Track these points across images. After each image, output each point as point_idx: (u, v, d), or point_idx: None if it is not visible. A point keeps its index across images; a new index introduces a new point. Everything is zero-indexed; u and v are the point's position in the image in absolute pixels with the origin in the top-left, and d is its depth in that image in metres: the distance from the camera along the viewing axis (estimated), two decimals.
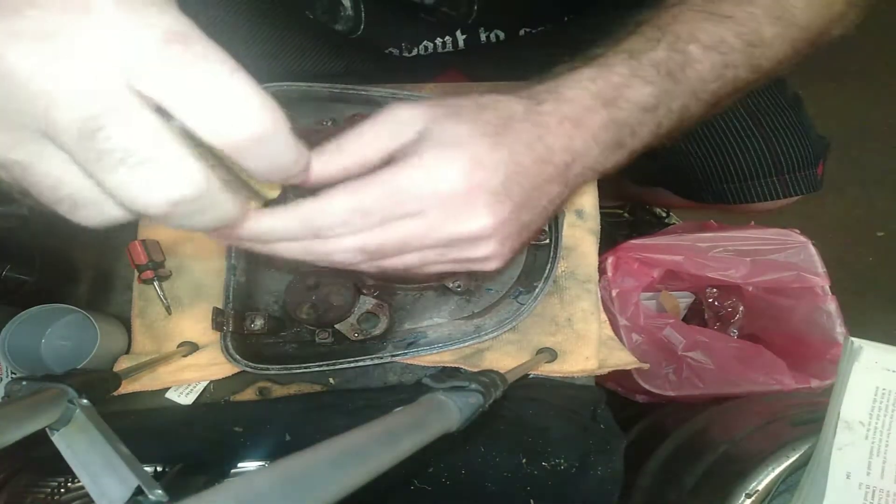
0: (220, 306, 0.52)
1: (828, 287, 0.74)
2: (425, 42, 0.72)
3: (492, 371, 0.36)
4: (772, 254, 0.76)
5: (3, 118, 0.20)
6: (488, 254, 0.34)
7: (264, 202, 0.29)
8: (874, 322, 1.20)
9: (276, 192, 0.30)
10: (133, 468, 0.28)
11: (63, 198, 0.23)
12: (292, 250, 0.31)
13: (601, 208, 0.58)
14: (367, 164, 0.31)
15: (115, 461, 0.28)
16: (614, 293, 0.73)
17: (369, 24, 0.68)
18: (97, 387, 0.36)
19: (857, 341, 0.46)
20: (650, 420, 0.80)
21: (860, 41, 1.47)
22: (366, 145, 0.31)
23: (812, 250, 0.75)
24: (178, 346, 0.54)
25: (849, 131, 1.38)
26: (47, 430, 0.31)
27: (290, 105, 0.59)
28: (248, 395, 0.54)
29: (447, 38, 0.72)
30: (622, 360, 0.54)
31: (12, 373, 0.52)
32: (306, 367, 0.51)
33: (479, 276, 0.55)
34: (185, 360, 0.54)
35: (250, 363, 0.50)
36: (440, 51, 0.73)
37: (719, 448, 0.56)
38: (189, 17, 0.22)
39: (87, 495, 0.45)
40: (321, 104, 0.60)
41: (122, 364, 0.52)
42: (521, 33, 0.74)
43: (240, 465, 0.50)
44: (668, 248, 0.75)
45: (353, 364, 0.51)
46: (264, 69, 0.73)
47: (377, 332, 0.52)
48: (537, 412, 0.50)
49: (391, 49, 0.72)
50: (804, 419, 0.53)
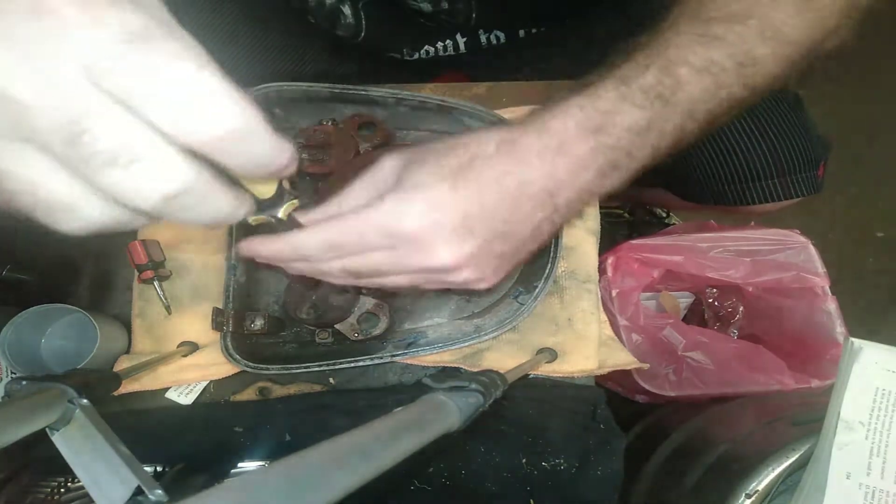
0: (220, 306, 0.52)
1: (828, 287, 0.74)
2: (426, 47, 0.72)
3: (492, 371, 0.36)
4: (772, 254, 0.76)
5: None
6: (468, 279, 0.37)
7: (259, 198, 0.30)
8: (874, 322, 1.21)
9: (270, 189, 0.30)
10: (133, 468, 0.28)
11: (39, 202, 0.22)
12: (296, 268, 0.38)
13: (601, 208, 0.58)
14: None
15: (115, 461, 0.28)
16: (614, 293, 0.73)
17: (370, 30, 0.68)
18: (97, 387, 0.36)
19: (857, 341, 0.46)
20: (650, 420, 0.80)
21: (860, 41, 1.47)
22: (359, 199, 0.37)
23: (812, 250, 0.75)
24: (178, 346, 0.54)
25: (849, 131, 1.38)
26: (47, 430, 0.31)
27: (290, 105, 0.59)
28: (248, 395, 0.54)
29: (448, 41, 0.72)
30: (622, 360, 0.54)
31: (12, 373, 0.52)
32: (306, 367, 0.51)
33: None
34: (185, 360, 0.54)
35: (250, 363, 0.50)
36: (441, 54, 0.73)
37: (719, 448, 0.56)
38: (192, 21, 0.21)
39: (86, 495, 0.46)
40: (321, 104, 0.60)
41: (122, 364, 0.52)
42: (521, 34, 0.74)
43: (240, 465, 0.50)
44: (668, 249, 0.75)
45: (353, 364, 0.51)
46: (265, 72, 0.73)
47: (377, 332, 0.52)
48: (537, 412, 0.50)
49: (392, 54, 0.73)
50: (804, 419, 0.53)
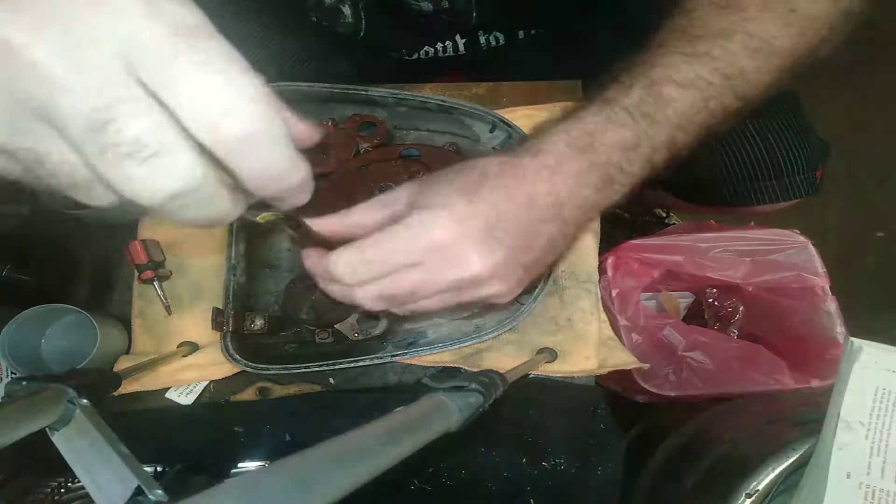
0: (220, 306, 0.52)
1: (828, 287, 0.74)
2: (426, 47, 0.72)
3: (492, 371, 0.36)
4: (772, 254, 0.76)
5: (12, 103, 0.20)
6: (495, 292, 0.38)
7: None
8: (874, 322, 1.20)
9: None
10: (133, 468, 0.28)
11: (78, 182, 0.22)
12: (332, 291, 0.40)
13: None
14: (365, 229, 0.38)
15: (115, 461, 0.28)
16: (614, 293, 0.73)
17: (369, 30, 0.68)
18: (97, 387, 0.36)
19: (857, 341, 0.46)
20: (650, 420, 0.80)
21: (860, 41, 1.47)
22: (364, 215, 0.40)
23: (812, 250, 0.75)
24: (178, 346, 0.54)
25: (849, 132, 1.38)
26: (47, 430, 0.31)
27: (290, 105, 0.59)
28: (249, 395, 0.54)
29: (447, 42, 0.72)
30: (622, 360, 0.54)
31: (12, 373, 0.52)
32: (306, 367, 0.51)
33: None
34: (185, 360, 0.54)
35: (250, 363, 0.50)
36: (441, 55, 0.73)
37: (719, 448, 0.56)
38: None
39: (87, 495, 0.45)
40: (321, 104, 0.60)
41: (122, 364, 0.52)
42: (521, 35, 0.74)
43: (240, 465, 0.50)
44: (668, 249, 0.75)
45: (353, 364, 0.51)
46: (264, 71, 0.73)
47: (377, 332, 0.52)
48: (537, 412, 0.50)
49: (392, 53, 0.73)
50: (804, 419, 0.53)
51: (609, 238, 0.58)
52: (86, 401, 0.33)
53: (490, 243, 0.36)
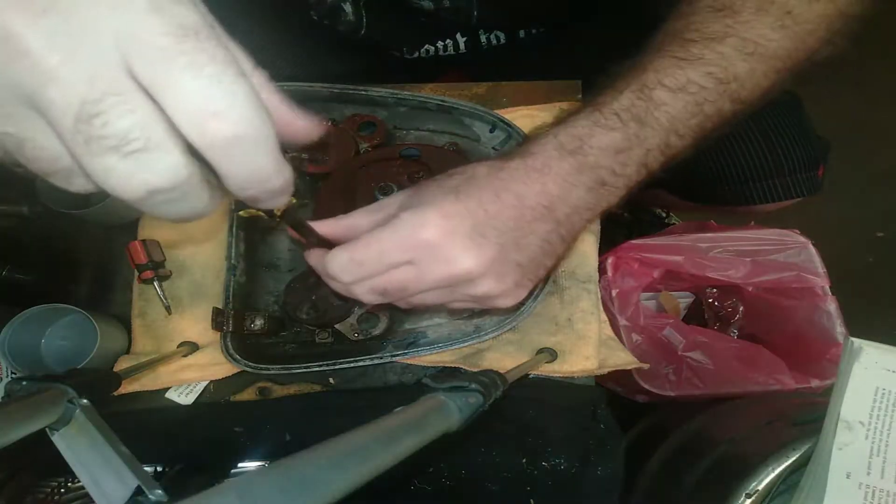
0: (220, 306, 0.52)
1: (828, 287, 0.74)
2: (427, 46, 0.72)
3: (492, 371, 0.36)
4: (772, 254, 0.76)
5: (1, 88, 0.20)
6: (490, 291, 0.39)
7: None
8: (874, 322, 1.20)
9: None
10: (133, 468, 0.28)
11: (59, 169, 0.22)
12: (332, 286, 0.42)
13: None
14: (360, 231, 0.40)
15: (114, 461, 0.28)
16: (614, 293, 0.73)
17: (370, 27, 0.68)
18: (97, 387, 0.36)
19: (857, 341, 0.46)
20: (650, 420, 0.80)
21: (860, 41, 1.47)
22: (359, 218, 0.42)
23: (812, 250, 0.75)
24: (178, 346, 0.54)
25: (848, 131, 1.38)
26: (47, 430, 0.31)
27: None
28: (248, 395, 0.54)
29: (448, 41, 0.72)
30: (622, 360, 0.54)
31: (12, 372, 0.52)
32: (306, 367, 0.51)
33: None
34: (185, 360, 0.54)
35: (250, 363, 0.50)
36: (441, 54, 0.73)
37: (719, 448, 0.56)
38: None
39: (87, 495, 0.45)
40: (321, 104, 0.60)
41: (122, 364, 0.52)
42: (521, 34, 0.74)
43: (240, 465, 0.50)
44: (668, 249, 0.75)
45: (353, 364, 0.51)
46: (265, 71, 0.73)
47: (377, 332, 0.52)
48: (537, 412, 0.50)
49: (393, 52, 0.73)
50: (804, 419, 0.53)
51: (609, 238, 0.58)
52: (86, 401, 0.33)
53: (478, 240, 0.37)
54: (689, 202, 0.83)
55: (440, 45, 0.72)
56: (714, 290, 0.94)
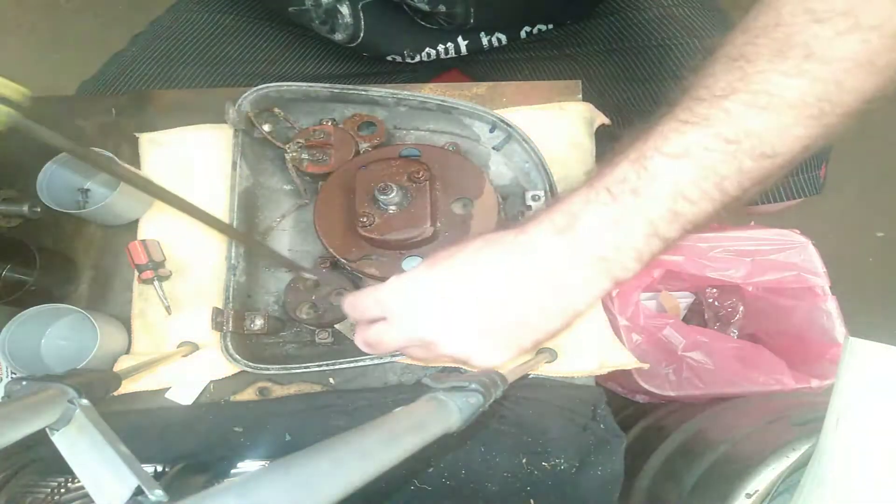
0: (220, 306, 0.52)
1: (828, 287, 0.74)
2: (427, 49, 0.72)
3: (492, 371, 0.36)
4: (772, 254, 0.76)
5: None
6: (458, 351, 0.40)
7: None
8: (875, 322, 1.20)
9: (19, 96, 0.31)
10: (133, 468, 0.28)
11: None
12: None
13: None
14: None
15: (115, 461, 0.28)
16: (614, 293, 0.73)
17: (368, 31, 0.68)
18: (97, 387, 0.36)
19: (857, 341, 0.46)
20: (650, 420, 0.80)
21: None
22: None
23: (812, 250, 0.75)
24: (178, 346, 0.54)
25: (849, 131, 1.38)
26: (47, 430, 0.31)
27: (290, 105, 0.59)
28: (248, 395, 0.54)
29: (449, 44, 0.72)
30: (622, 360, 0.54)
31: (12, 373, 0.52)
32: (306, 367, 0.51)
33: None
34: (184, 360, 0.54)
35: (250, 363, 0.50)
36: (443, 57, 0.73)
37: (719, 448, 0.56)
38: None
39: (87, 495, 0.46)
40: (321, 104, 0.60)
41: (122, 364, 0.52)
42: (523, 35, 0.74)
43: (240, 465, 0.50)
44: None
45: (352, 364, 0.51)
46: (266, 73, 0.73)
47: None
48: (537, 412, 0.50)
49: (393, 56, 0.73)
50: (804, 419, 0.53)
51: None
52: (86, 401, 0.33)
53: (439, 304, 0.39)
54: None
55: (441, 48, 0.72)
56: (714, 289, 0.94)
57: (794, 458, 0.47)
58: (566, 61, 0.76)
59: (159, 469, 0.49)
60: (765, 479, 0.47)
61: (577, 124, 0.60)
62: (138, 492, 0.27)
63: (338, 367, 0.51)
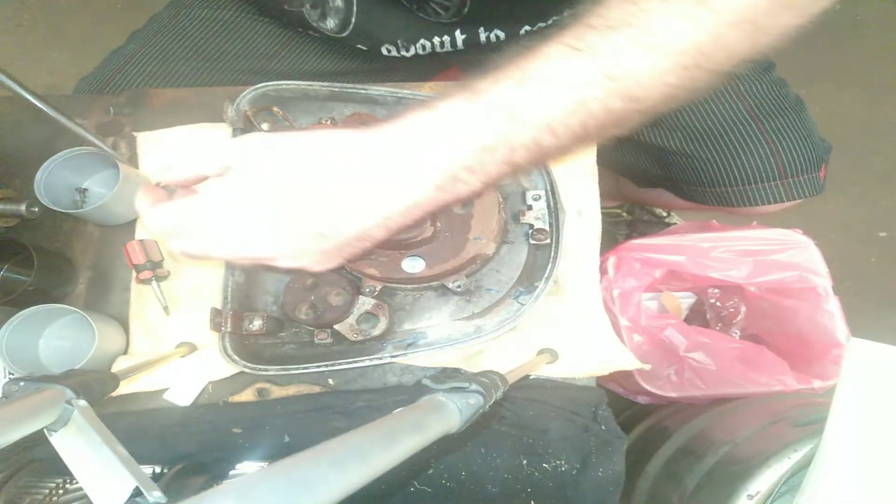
0: (219, 307, 0.52)
1: (830, 287, 0.73)
2: (422, 41, 0.71)
3: (492, 372, 0.36)
4: (774, 254, 0.76)
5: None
6: (263, 254, 0.38)
7: None
8: (877, 322, 1.20)
9: None
10: (131, 469, 0.28)
11: None
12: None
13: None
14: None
15: (113, 462, 0.28)
16: (615, 293, 0.73)
17: (360, 17, 0.67)
18: (95, 387, 0.36)
19: (859, 342, 0.46)
20: (651, 421, 0.80)
21: (862, 41, 1.47)
22: None
23: (814, 251, 0.75)
24: (177, 347, 0.54)
25: (851, 131, 1.38)
26: (45, 430, 0.31)
27: (290, 104, 0.59)
28: (247, 395, 0.54)
29: (445, 37, 0.71)
30: (623, 360, 0.54)
31: (10, 373, 0.52)
32: (305, 368, 0.51)
33: (479, 276, 0.55)
34: (183, 360, 0.53)
35: (249, 364, 0.50)
36: (438, 50, 0.73)
37: (721, 449, 0.56)
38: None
39: (85, 496, 0.45)
40: (321, 103, 0.59)
41: (120, 364, 0.52)
42: (522, 32, 0.73)
43: (238, 466, 0.49)
44: (669, 249, 0.75)
45: (352, 365, 0.51)
46: (264, 69, 0.73)
47: (376, 332, 0.52)
48: (538, 413, 0.50)
49: (387, 46, 0.72)
50: (806, 420, 0.53)
51: (608, 238, 0.58)
52: (84, 401, 0.33)
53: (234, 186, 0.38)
54: (690, 203, 0.83)
55: (437, 40, 0.71)
56: (716, 290, 0.94)
57: (795, 459, 0.46)
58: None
59: (157, 470, 0.49)
60: (767, 480, 0.46)
61: None
62: (136, 493, 0.27)
63: (337, 368, 0.51)
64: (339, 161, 0.36)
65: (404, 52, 0.72)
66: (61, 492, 0.48)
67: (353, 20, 0.67)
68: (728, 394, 0.71)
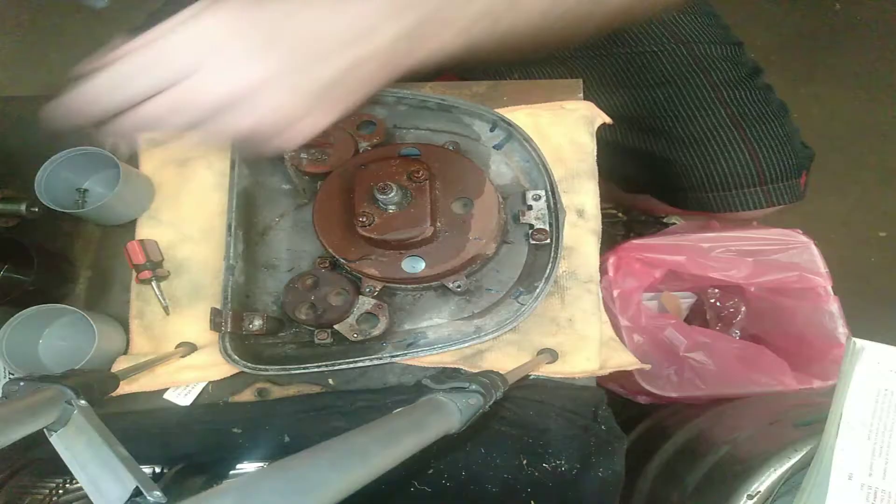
0: (219, 307, 0.52)
1: (830, 287, 0.73)
2: None
3: (492, 372, 0.36)
4: (774, 254, 0.76)
5: None
6: (265, 114, 0.34)
7: None
8: (877, 322, 1.20)
9: None
10: (131, 469, 0.28)
11: None
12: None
13: None
14: None
15: (113, 462, 0.28)
16: (616, 293, 0.73)
17: None
18: (95, 387, 0.36)
19: (859, 342, 0.46)
20: (651, 421, 0.80)
21: (862, 41, 1.47)
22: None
23: (814, 250, 0.75)
24: (177, 347, 0.54)
25: (851, 131, 1.38)
26: (45, 430, 0.31)
27: None
28: (247, 396, 0.54)
29: None
30: (623, 360, 0.54)
31: (10, 373, 0.52)
32: (305, 368, 0.51)
33: (479, 277, 0.55)
34: (183, 360, 0.53)
35: (249, 364, 0.50)
36: None
37: (721, 449, 0.56)
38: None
39: (85, 496, 0.45)
40: None
41: (121, 365, 0.52)
42: None
43: (238, 466, 0.49)
44: (669, 249, 0.75)
45: (352, 365, 0.51)
46: None
47: (376, 332, 0.52)
48: (538, 413, 0.50)
49: None
50: (806, 420, 0.53)
51: (607, 238, 0.58)
52: (84, 401, 0.33)
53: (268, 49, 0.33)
54: (674, 208, 0.83)
55: None
56: (716, 290, 0.94)
57: (796, 459, 0.46)
58: (556, 66, 0.76)
59: (158, 470, 0.49)
60: (767, 481, 0.46)
61: (578, 123, 0.59)
62: (137, 493, 0.27)
63: (337, 367, 0.51)
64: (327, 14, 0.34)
65: None
66: (61, 492, 0.48)
67: None
68: (728, 394, 0.71)
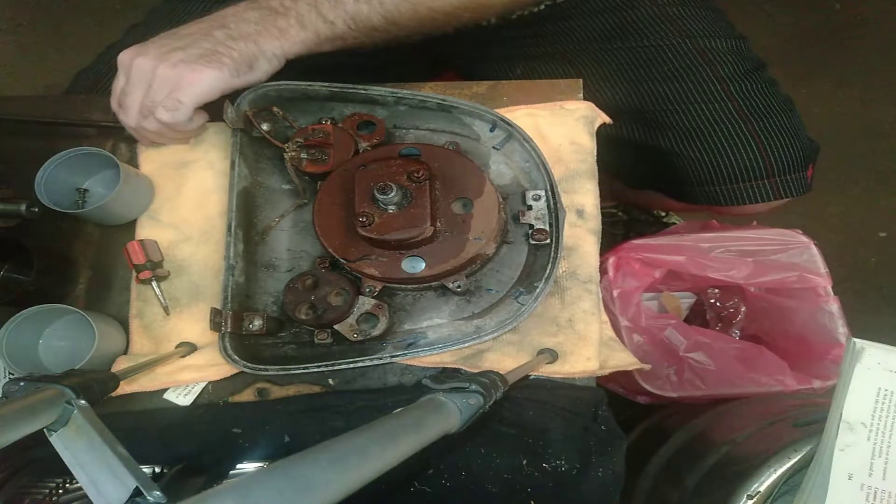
0: (219, 307, 0.52)
1: (830, 288, 0.73)
2: None
3: (492, 372, 0.36)
4: (774, 254, 0.76)
5: None
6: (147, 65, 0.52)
7: None
8: (877, 323, 1.20)
9: None
10: (131, 469, 0.28)
11: None
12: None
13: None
14: None
15: (113, 462, 0.28)
16: (615, 293, 0.73)
17: None
18: (95, 388, 0.36)
19: (859, 342, 0.46)
20: (651, 421, 0.80)
21: (861, 41, 1.47)
22: None
23: (814, 251, 0.75)
24: (177, 347, 0.54)
25: (851, 131, 1.38)
26: (45, 430, 0.31)
27: (289, 104, 0.59)
28: (247, 396, 0.54)
29: None
30: (623, 360, 0.54)
31: (10, 373, 0.52)
32: (305, 368, 0.51)
33: (479, 277, 0.55)
34: (183, 360, 0.53)
35: (249, 364, 0.50)
36: None
37: (721, 449, 0.56)
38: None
39: (85, 497, 0.45)
40: (320, 103, 0.59)
41: (121, 365, 0.52)
42: (514, 17, 0.73)
43: (238, 466, 0.49)
44: (669, 249, 0.75)
45: (352, 365, 0.51)
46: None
47: (376, 332, 0.52)
48: (538, 413, 0.50)
49: None
50: (806, 420, 0.53)
51: (607, 238, 0.58)
52: (84, 401, 0.33)
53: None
54: (680, 203, 0.83)
55: None
56: (716, 290, 0.94)
57: (795, 460, 0.46)
58: (560, 61, 0.76)
59: (157, 470, 0.49)
60: (767, 481, 0.46)
61: (578, 123, 0.59)
62: (136, 493, 0.27)
63: (337, 368, 0.51)
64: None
65: None
66: (61, 492, 0.48)
67: None
68: (728, 394, 0.71)
